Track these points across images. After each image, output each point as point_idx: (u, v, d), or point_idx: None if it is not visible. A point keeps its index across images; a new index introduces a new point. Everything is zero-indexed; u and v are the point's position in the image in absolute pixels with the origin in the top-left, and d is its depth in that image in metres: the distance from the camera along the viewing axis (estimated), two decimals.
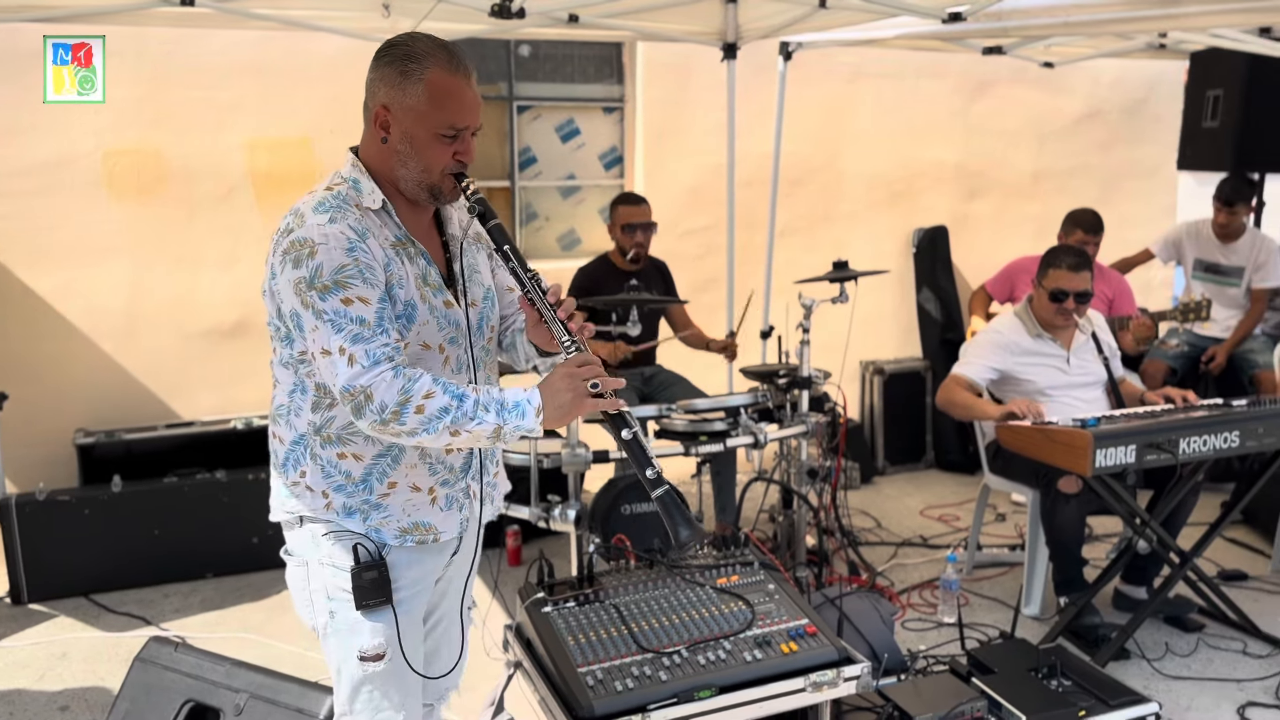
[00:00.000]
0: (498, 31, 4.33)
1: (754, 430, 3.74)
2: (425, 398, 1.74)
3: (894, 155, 6.30)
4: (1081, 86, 6.60)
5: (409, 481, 1.95)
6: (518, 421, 1.78)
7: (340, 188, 1.86)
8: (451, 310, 1.94)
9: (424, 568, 2.02)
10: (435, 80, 1.81)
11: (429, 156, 1.84)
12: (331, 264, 1.75)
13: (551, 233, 5.92)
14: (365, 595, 1.91)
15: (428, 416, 1.74)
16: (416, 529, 1.97)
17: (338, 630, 1.95)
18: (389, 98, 1.83)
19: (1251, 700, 3.26)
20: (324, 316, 1.75)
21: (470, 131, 1.88)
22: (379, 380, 1.74)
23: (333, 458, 1.91)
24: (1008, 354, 3.90)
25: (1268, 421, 3.34)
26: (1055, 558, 3.70)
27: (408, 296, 1.86)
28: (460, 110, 1.84)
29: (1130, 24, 3.99)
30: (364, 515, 1.93)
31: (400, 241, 1.89)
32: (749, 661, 2.60)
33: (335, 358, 1.75)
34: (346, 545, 1.92)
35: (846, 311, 4.13)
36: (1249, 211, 5.31)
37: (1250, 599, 3.99)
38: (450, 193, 1.91)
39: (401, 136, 1.84)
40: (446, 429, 1.75)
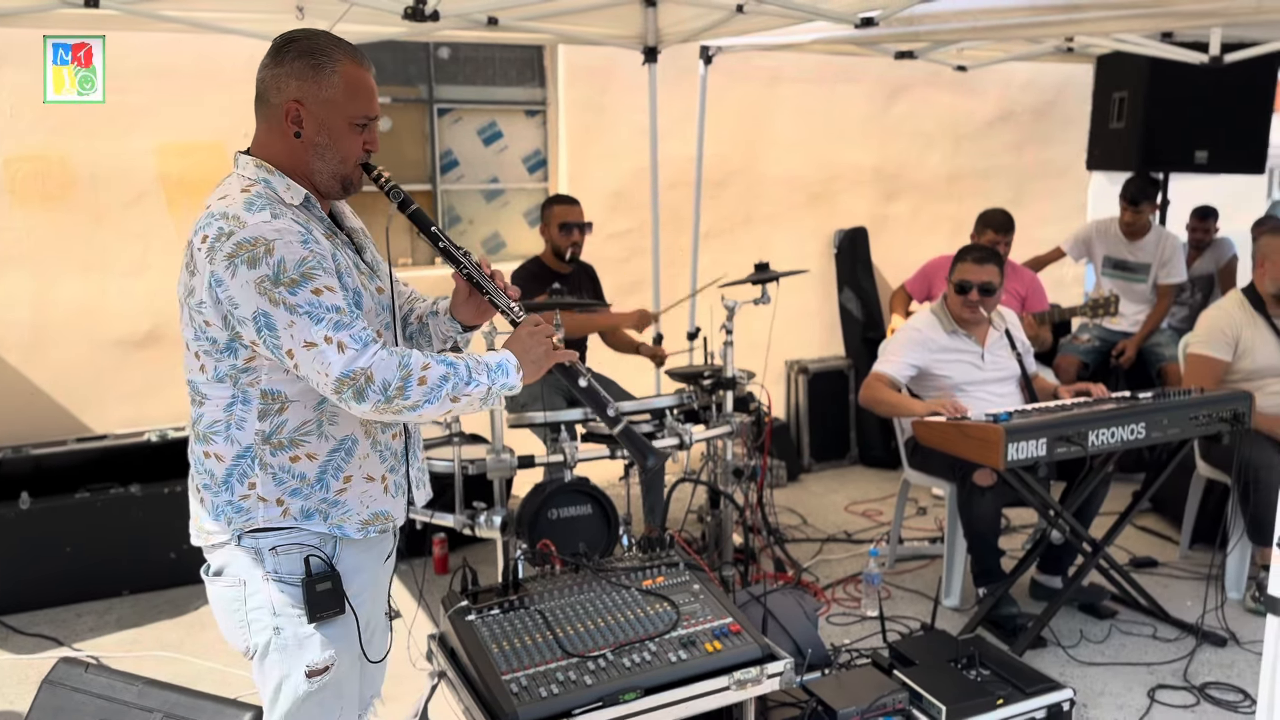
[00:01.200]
0: (414, 34, 4.28)
1: (679, 432, 3.76)
2: (424, 369, 1.77)
3: (814, 158, 6.40)
4: (994, 89, 6.78)
5: (363, 473, 1.95)
6: (504, 380, 1.86)
7: (256, 188, 1.81)
8: (384, 296, 1.96)
9: (371, 572, 2.03)
10: (349, 71, 1.83)
11: (345, 147, 1.86)
12: (293, 257, 1.74)
13: (475, 236, 5.87)
14: (320, 607, 1.89)
15: (431, 387, 1.77)
16: (377, 519, 1.98)
17: (283, 646, 1.91)
18: (301, 91, 1.82)
19: (1161, 683, 3.38)
20: (299, 310, 1.72)
21: (376, 121, 1.92)
22: (376, 360, 1.74)
23: (285, 463, 1.88)
24: (925, 350, 3.98)
25: (1172, 413, 3.46)
26: (973, 549, 3.79)
27: (354, 284, 1.87)
28: (371, 100, 1.88)
29: (1035, 29, 4.11)
30: (324, 515, 1.91)
31: (330, 232, 1.89)
32: (674, 662, 2.61)
33: (323, 348, 1.73)
34: (296, 558, 1.89)
35: (770, 312, 4.18)
36: (1154, 210, 5.50)
37: (1160, 585, 4.13)
38: (359, 183, 1.94)
39: (318, 129, 1.84)
40: (448, 396, 1.79)
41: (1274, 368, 3.90)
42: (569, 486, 3.62)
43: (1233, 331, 3.98)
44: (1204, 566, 4.16)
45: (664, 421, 3.81)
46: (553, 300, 3.77)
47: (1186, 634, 3.69)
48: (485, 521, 3.41)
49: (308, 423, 1.87)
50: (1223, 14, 3.54)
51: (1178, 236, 5.57)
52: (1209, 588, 3.90)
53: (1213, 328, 4.03)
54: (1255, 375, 3.95)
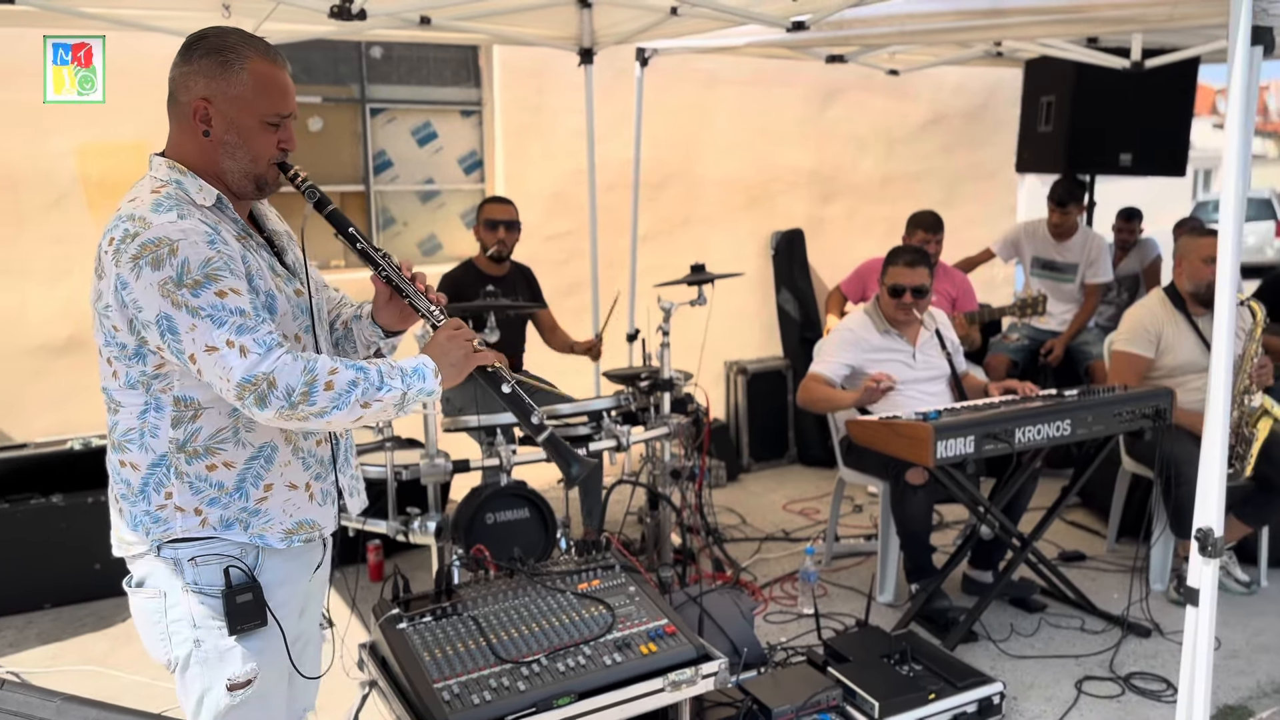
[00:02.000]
0: (344, 33, 4.22)
1: (617, 434, 3.76)
2: (331, 374, 1.72)
3: (750, 160, 6.44)
4: (925, 93, 6.89)
5: (285, 480, 1.90)
6: (420, 385, 1.81)
7: (166, 189, 1.78)
8: (302, 299, 1.92)
9: (297, 584, 1.98)
10: (258, 68, 1.80)
11: (256, 145, 1.82)
12: (197, 258, 1.70)
13: (411, 238, 5.81)
14: (240, 619, 1.85)
15: (338, 392, 1.72)
16: (301, 528, 1.93)
17: (204, 659, 1.86)
18: (209, 90, 1.78)
19: (1088, 674, 3.44)
20: (201, 313, 1.68)
21: (291, 119, 1.88)
22: (279, 365, 1.69)
23: (201, 471, 1.83)
24: (858, 350, 4.03)
25: (1097, 410, 3.54)
26: (905, 546, 3.85)
27: (267, 287, 1.82)
28: (284, 97, 1.84)
29: (962, 33, 4.18)
30: (244, 524, 1.86)
31: (241, 235, 1.85)
32: (609, 665, 2.60)
33: (224, 352, 1.69)
34: (215, 569, 1.84)
35: (709, 313, 4.20)
36: (1081, 211, 5.62)
37: (1088, 578, 4.23)
38: (274, 183, 1.90)
39: (227, 127, 1.80)
40: (358, 402, 1.74)
41: (1194, 364, 4.01)
42: (505, 490, 3.60)
43: (1155, 329, 4.09)
44: (1130, 559, 4.26)
45: (601, 423, 3.81)
46: (486, 303, 3.73)
47: (1113, 626, 3.77)
48: (419, 527, 3.37)
49: (223, 430, 1.82)
50: (1140, 20, 3.63)
51: (1104, 237, 5.70)
52: (1134, 580, 4.00)
53: (1135, 326, 4.13)
54: (1177, 371, 4.05)
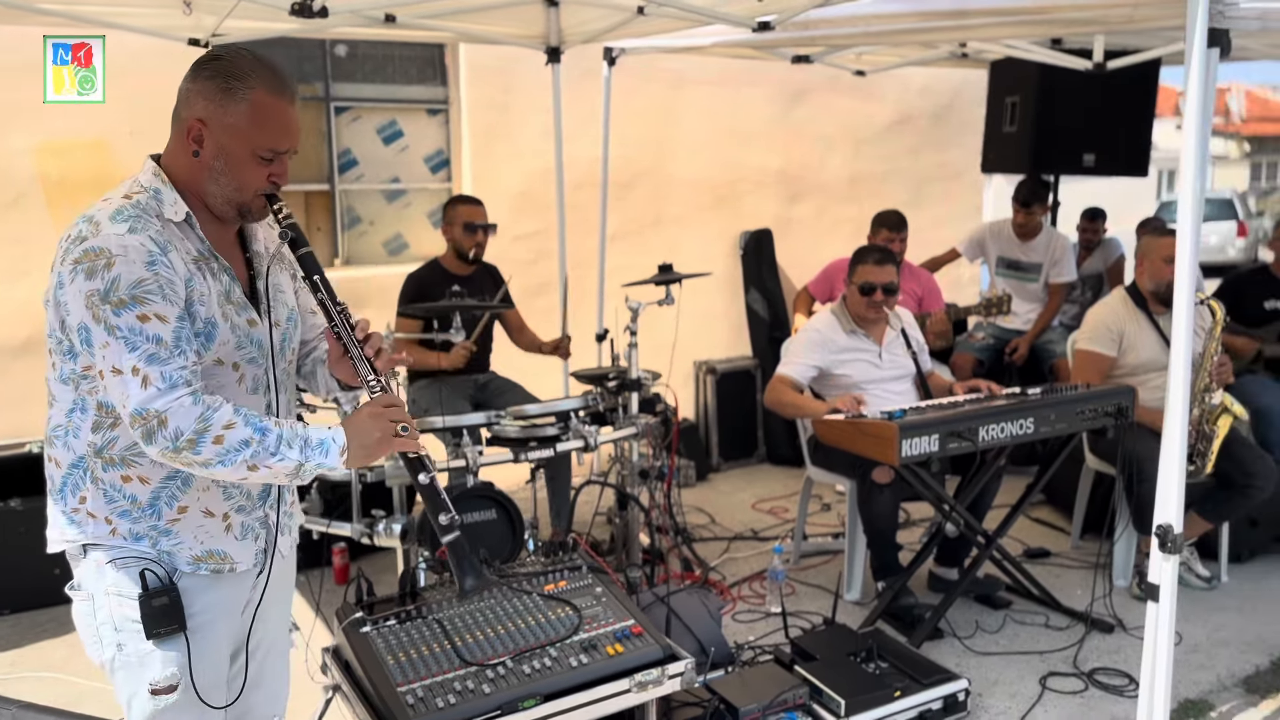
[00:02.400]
0: (307, 31, 4.18)
1: (584, 434, 3.75)
2: (225, 428, 1.67)
3: (719, 160, 6.45)
4: (892, 94, 6.93)
5: (200, 506, 1.86)
6: (320, 459, 1.74)
7: (140, 196, 1.76)
8: (255, 329, 1.87)
9: (221, 592, 1.92)
10: (260, 101, 1.75)
11: (243, 176, 1.79)
12: (129, 277, 1.66)
13: (376, 237, 5.77)
14: (155, 623, 1.80)
15: (226, 448, 1.67)
16: (210, 557, 1.87)
17: (126, 663, 1.84)
18: (207, 112, 1.76)
19: (1053, 670, 3.47)
20: (117, 333, 1.65)
21: (288, 154, 1.83)
22: (176, 406, 1.66)
23: (116, 481, 1.80)
24: (825, 351, 4.04)
25: (1059, 408, 3.57)
26: (872, 544, 3.86)
27: (208, 314, 1.78)
28: (283, 133, 1.79)
29: (926, 34, 4.21)
30: (153, 541, 1.83)
31: (203, 256, 1.81)
32: (574, 667, 2.60)
33: (127, 378, 1.65)
34: (133, 572, 1.81)
35: (678, 313, 4.20)
36: (1045, 211, 5.68)
37: (1053, 575, 4.26)
38: (259, 212, 1.85)
39: (216, 153, 1.77)
40: (245, 463, 1.69)
41: (1156, 362, 4.06)
42: (472, 492, 3.58)
43: (1117, 327, 4.13)
44: (1094, 556, 4.31)
45: (569, 424, 3.80)
46: (451, 303, 3.71)
47: (1076, 622, 3.81)
48: (384, 530, 3.35)
49: (138, 444, 1.74)
50: (1101, 22, 3.67)
51: (1068, 237, 5.76)
52: (1097, 576, 4.04)
53: (1098, 325, 4.17)
54: (1139, 370, 4.10)
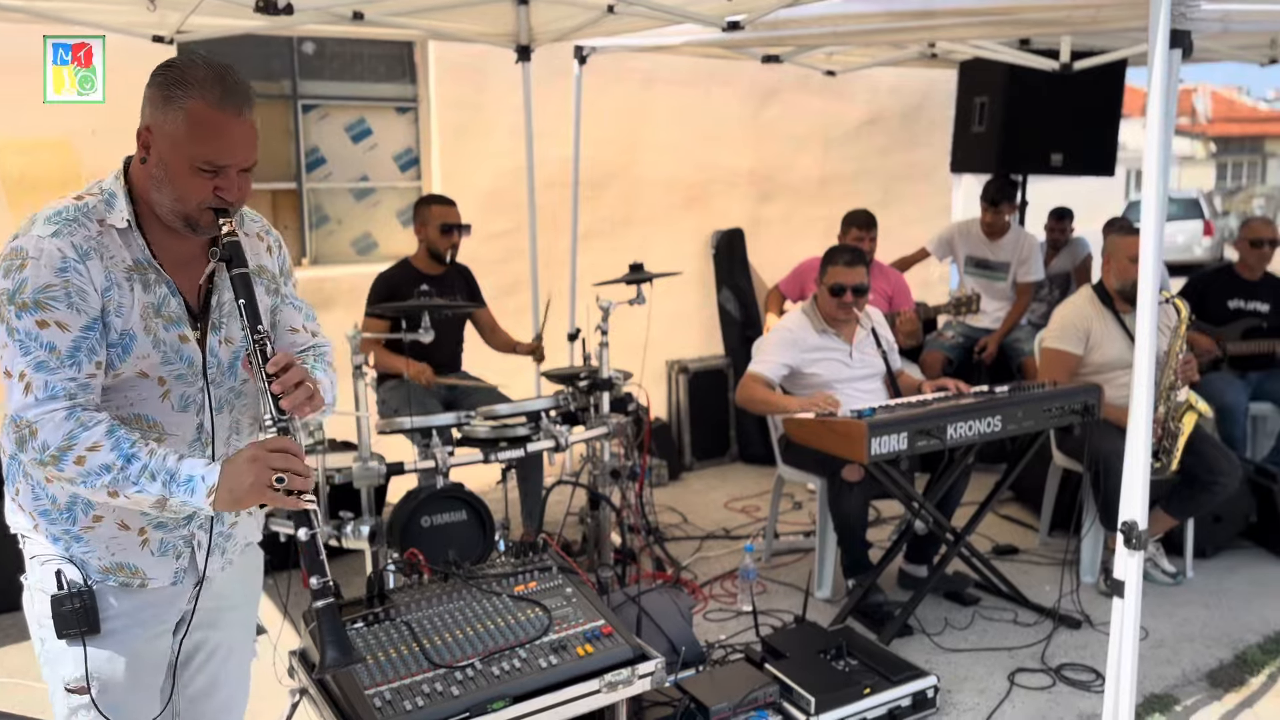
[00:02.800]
0: (273, 28, 4.14)
1: (555, 434, 3.74)
2: (89, 450, 1.64)
3: (690, 160, 6.45)
4: (862, 94, 6.96)
5: (116, 518, 1.81)
6: (185, 497, 1.67)
7: (91, 199, 1.74)
8: (186, 346, 1.80)
9: (138, 604, 1.86)
10: (196, 112, 1.70)
11: (182, 187, 1.73)
12: (37, 281, 1.64)
13: (345, 236, 5.72)
14: (65, 624, 1.79)
15: (86, 471, 1.64)
16: (120, 570, 1.83)
17: (48, 658, 1.84)
18: (152, 119, 1.73)
19: (1021, 666, 3.50)
20: (15, 335, 1.65)
21: (237, 169, 1.75)
22: (48, 418, 1.64)
23: (41, 480, 1.79)
24: (796, 350, 4.05)
25: (1026, 406, 3.60)
26: (842, 542, 3.88)
27: (126, 326, 1.73)
28: (220, 147, 1.72)
29: (895, 34, 4.24)
30: (65, 545, 1.81)
31: (139, 266, 1.76)
32: (544, 668, 2.58)
33: (14, 382, 1.65)
34: (51, 570, 1.80)
35: (650, 312, 4.20)
36: (1013, 211, 5.73)
37: (1021, 571, 4.30)
38: (208, 226, 1.77)
39: (158, 161, 1.73)
40: (104, 487, 1.65)
41: (1122, 360, 4.10)
42: (442, 493, 3.56)
43: (1084, 326, 4.17)
44: (1061, 552, 4.34)
45: (540, 424, 3.79)
46: (420, 302, 3.68)
47: (1044, 618, 3.84)
48: (352, 532, 3.32)
49: None
50: (1067, 23, 3.71)
51: (1035, 236, 5.82)
52: (1065, 572, 4.07)
53: (1065, 323, 4.21)
54: (1105, 368, 4.14)
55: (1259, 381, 5.10)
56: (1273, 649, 3.60)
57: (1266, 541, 4.49)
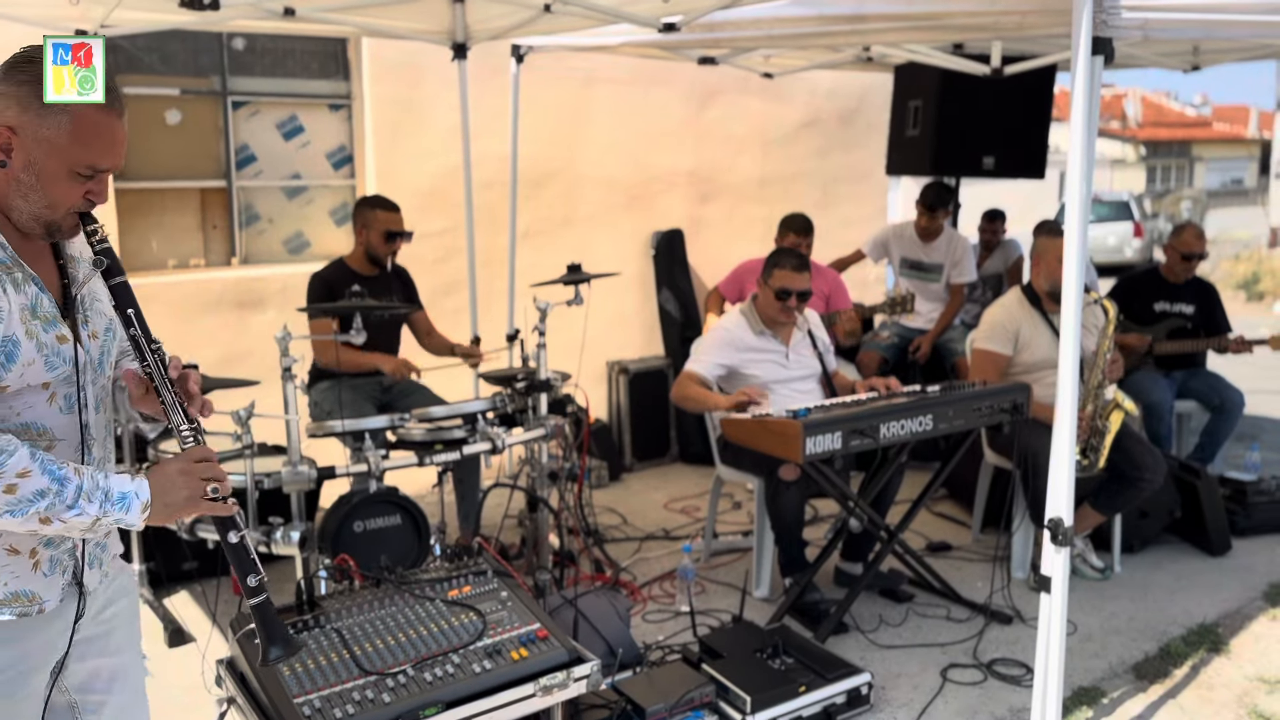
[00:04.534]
0: (202, 23, 4.04)
1: (492, 436, 3.71)
2: (19, 476, 1.53)
3: (630, 160, 6.45)
4: (800, 96, 7.02)
5: (5, 543, 1.67)
6: (120, 515, 1.61)
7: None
8: (65, 346, 1.68)
9: (25, 644, 1.72)
10: (85, 114, 1.60)
11: (56, 193, 1.63)
12: None
13: (276, 236, 5.61)
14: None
15: (18, 499, 1.53)
16: (18, 599, 1.68)
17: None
18: (19, 120, 1.59)
19: (953, 662, 3.55)
20: None
21: (109, 173, 1.67)
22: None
23: None
24: (734, 350, 4.07)
25: (957, 405, 3.65)
26: (779, 541, 3.90)
27: (7, 331, 1.60)
28: (107, 151, 1.64)
29: (828, 38, 4.27)
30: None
31: (5, 266, 1.63)
32: (478, 673, 2.56)
33: None
34: None
35: (588, 313, 4.18)
36: (948, 215, 5.81)
37: (954, 568, 4.37)
38: (71, 230, 1.68)
39: (26, 165, 1.60)
40: (37, 515, 1.55)
41: (1050, 360, 4.17)
42: (375, 497, 3.51)
43: (1013, 327, 4.25)
44: (993, 549, 4.42)
45: (477, 426, 3.75)
46: (352, 303, 3.63)
47: (977, 614, 3.90)
48: (282, 537, 3.26)
49: None
50: (994, 28, 3.77)
51: (968, 238, 5.91)
52: (996, 569, 4.14)
53: (994, 324, 4.28)
54: (1034, 368, 4.22)
55: (1184, 380, 5.24)
56: (1195, 641, 3.70)
57: (1191, 536, 4.62)
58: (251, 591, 1.72)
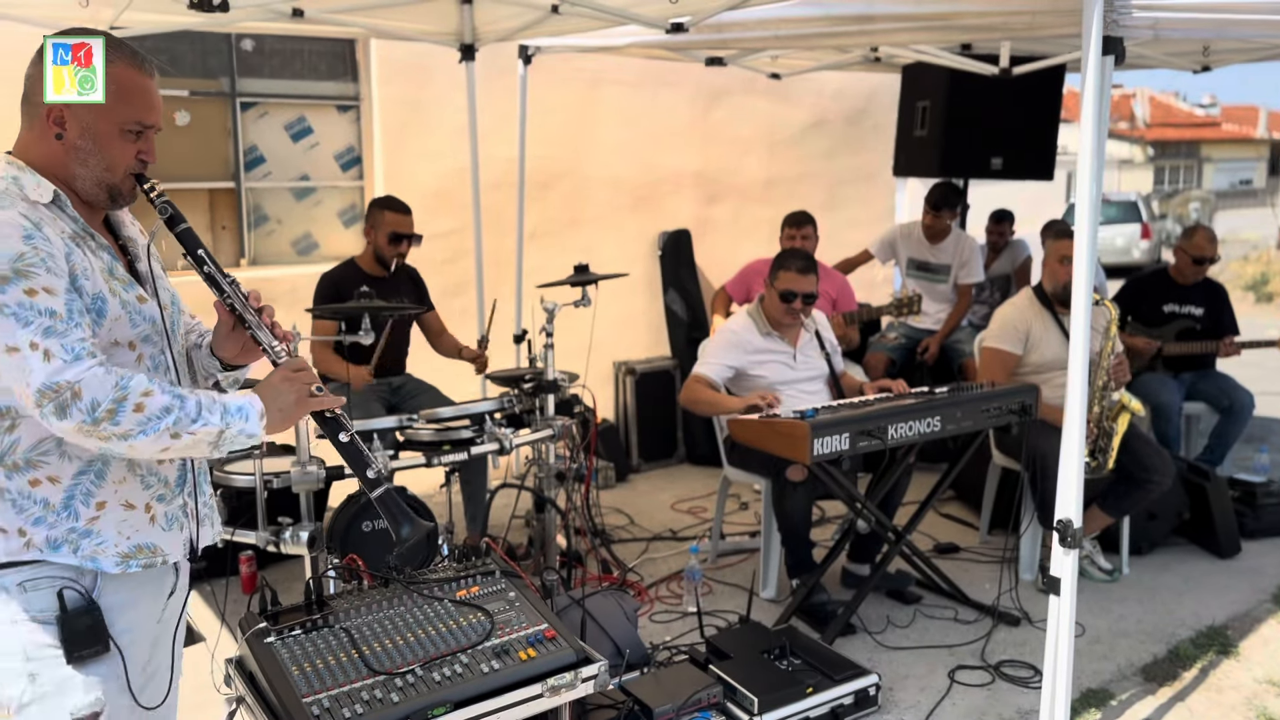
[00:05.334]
0: (211, 24, 4.06)
1: (499, 437, 3.71)
2: (144, 395, 1.61)
3: (637, 161, 6.46)
4: (807, 97, 7.02)
5: (120, 499, 1.77)
6: (241, 425, 1.71)
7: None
8: (146, 305, 1.81)
9: (140, 610, 1.84)
10: (120, 74, 1.73)
11: (113, 153, 1.75)
12: (8, 253, 1.59)
13: (285, 236, 5.63)
14: (79, 644, 1.72)
15: (147, 416, 1.61)
16: (140, 551, 1.79)
17: (42, 695, 1.72)
18: None
19: (961, 664, 3.55)
20: (5, 310, 1.57)
21: (154, 130, 1.81)
22: (88, 376, 1.58)
23: (24, 487, 1.69)
24: (741, 352, 4.07)
25: (965, 406, 3.64)
26: (786, 542, 3.90)
27: (96, 289, 1.71)
28: (147, 106, 1.77)
29: (836, 39, 4.27)
30: (74, 546, 1.72)
31: (79, 234, 1.74)
32: (486, 673, 2.55)
33: (27, 354, 1.57)
34: (48, 593, 1.71)
35: (596, 314, 4.19)
36: (955, 217, 5.80)
37: (962, 569, 4.36)
38: (129, 194, 1.82)
39: (81, 132, 1.72)
40: (167, 430, 1.62)
41: (1060, 361, 4.16)
42: None
43: (1023, 327, 4.24)
44: (1001, 550, 4.41)
45: (484, 427, 3.75)
46: (363, 304, 3.63)
47: (984, 615, 3.89)
48: (291, 537, 3.26)
49: (44, 440, 1.69)
50: (1004, 29, 3.77)
51: (975, 239, 5.90)
52: (1004, 570, 4.14)
53: (1004, 324, 4.28)
54: (1043, 368, 4.21)
55: (1192, 382, 5.23)
56: (1204, 643, 3.69)
57: (1199, 538, 4.60)
58: (371, 484, 1.85)
